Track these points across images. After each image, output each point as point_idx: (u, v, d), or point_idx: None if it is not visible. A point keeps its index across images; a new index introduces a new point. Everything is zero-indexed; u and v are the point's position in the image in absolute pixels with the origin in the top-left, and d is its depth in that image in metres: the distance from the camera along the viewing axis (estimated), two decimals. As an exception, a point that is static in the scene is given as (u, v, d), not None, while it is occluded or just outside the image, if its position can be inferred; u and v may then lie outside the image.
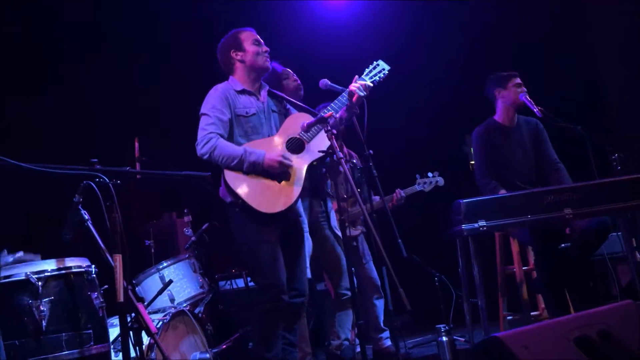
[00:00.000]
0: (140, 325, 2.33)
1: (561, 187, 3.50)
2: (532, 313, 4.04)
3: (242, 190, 2.96)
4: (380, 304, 4.18)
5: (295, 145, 3.10)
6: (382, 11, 6.13)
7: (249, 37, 3.23)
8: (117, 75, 5.28)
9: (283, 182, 3.01)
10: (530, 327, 1.97)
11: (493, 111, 4.11)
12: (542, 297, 3.99)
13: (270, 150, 3.02)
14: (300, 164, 3.06)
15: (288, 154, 3.06)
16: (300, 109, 3.32)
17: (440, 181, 4.53)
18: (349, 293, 3.88)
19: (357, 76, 3.17)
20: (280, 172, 3.00)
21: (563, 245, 3.83)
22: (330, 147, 2.92)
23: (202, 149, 3.02)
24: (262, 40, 3.25)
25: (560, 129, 3.88)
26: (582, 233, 3.68)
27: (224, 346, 3.87)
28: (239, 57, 3.21)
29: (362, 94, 3.09)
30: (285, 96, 3.37)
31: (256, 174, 2.99)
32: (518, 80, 3.98)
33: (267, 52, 3.24)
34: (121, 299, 2.18)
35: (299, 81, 3.83)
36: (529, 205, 3.36)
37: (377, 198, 3.87)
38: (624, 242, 3.85)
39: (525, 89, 3.96)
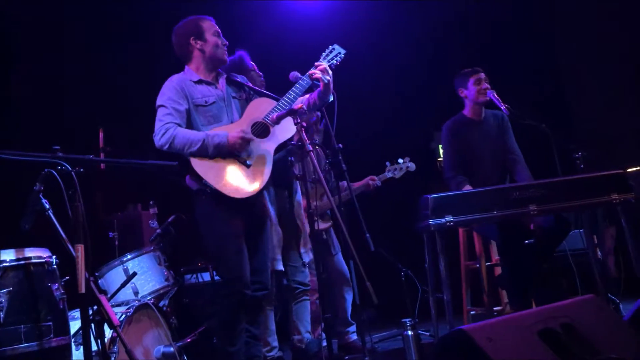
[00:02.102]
0: (103, 317, 2.28)
1: (526, 183, 3.55)
2: (494, 308, 4.10)
3: (210, 176, 2.92)
4: (349, 295, 4.18)
5: (261, 130, 3.08)
6: (353, 4, 6.13)
7: (210, 28, 3.19)
8: (82, 64, 5.16)
9: (251, 167, 2.98)
10: (495, 320, 1.99)
11: (462, 106, 4.17)
12: (506, 292, 4.05)
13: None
14: (267, 148, 3.04)
15: (254, 139, 3.02)
16: (261, 94, 3.29)
17: (412, 166, 4.46)
18: (301, 287, 3.88)
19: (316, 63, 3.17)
20: (244, 150, 2.96)
21: (527, 241, 3.90)
22: (300, 139, 2.91)
23: (160, 139, 2.97)
24: (220, 32, 3.21)
25: (525, 126, 3.95)
26: (545, 229, 3.76)
27: (189, 340, 3.81)
28: (198, 46, 3.16)
29: (326, 79, 3.09)
30: (245, 82, 3.33)
31: (222, 157, 2.95)
32: (478, 77, 4.04)
33: (226, 46, 3.21)
34: (82, 290, 2.12)
35: (262, 77, 3.81)
36: (495, 201, 3.40)
37: (344, 183, 3.84)
38: (585, 239, 3.94)
39: (487, 85, 4.01)
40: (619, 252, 4.74)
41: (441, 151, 6.08)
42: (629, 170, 5.79)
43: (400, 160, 4.47)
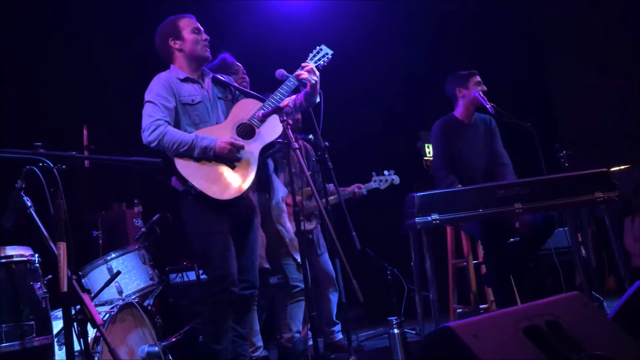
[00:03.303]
0: (85, 316, 2.25)
1: (512, 182, 3.57)
2: (481, 306, 4.12)
3: (194, 177, 2.90)
4: (334, 297, 4.19)
5: (246, 131, 3.06)
6: (340, 6, 6.13)
7: (188, 25, 3.14)
8: (66, 62, 5.10)
9: (236, 168, 2.96)
10: (480, 317, 1.99)
11: (450, 108, 4.18)
12: (492, 290, 4.07)
13: (221, 136, 2.97)
14: (252, 150, 3.02)
15: (239, 140, 3.00)
16: (247, 94, 3.27)
17: (396, 179, 4.57)
18: (301, 285, 3.86)
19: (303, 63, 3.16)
20: (232, 157, 2.94)
21: (512, 239, 3.92)
22: (286, 137, 2.90)
23: (149, 136, 2.93)
24: (202, 28, 3.17)
25: (510, 125, 3.97)
26: (530, 228, 3.78)
27: (174, 339, 3.78)
28: (177, 46, 3.12)
29: (313, 80, 3.08)
30: (231, 82, 3.31)
31: (207, 159, 2.93)
32: (478, 79, 4.06)
33: (207, 41, 3.16)
34: (65, 288, 2.09)
35: (247, 79, 3.79)
36: (481, 200, 3.41)
37: (331, 186, 3.85)
38: (569, 237, 3.97)
39: (485, 88, 4.03)
40: (603, 250, 4.79)
41: (427, 150, 6.12)
42: (613, 169, 5.87)
43: (386, 172, 4.56)
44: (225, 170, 2.95)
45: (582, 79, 6.74)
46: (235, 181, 2.94)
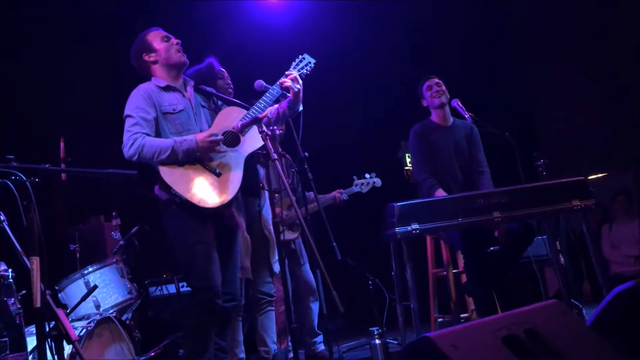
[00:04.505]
0: (60, 332, 2.20)
1: (490, 191, 3.59)
2: (462, 315, 4.12)
3: (179, 185, 2.87)
4: (315, 307, 4.16)
5: (231, 139, 3.05)
6: (320, 14, 6.16)
7: (156, 36, 3.14)
8: (42, 72, 5.04)
9: (222, 177, 2.94)
10: (459, 327, 1.98)
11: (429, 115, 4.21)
12: (472, 299, 4.07)
13: None
14: (238, 157, 3.00)
15: (224, 148, 2.98)
16: (230, 103, 3.26)
17: (378, 182, 4.57)
18: (266, 297, 3.84)
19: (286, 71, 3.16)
20: (215, 150, 2.92)
21: (492, 248, 3.93)
22: (265, 147, 2.89)
23: (129, 150, 2.91)
24: (171, 35, 3.16)
25: (489, 134, 4.00)
26: (509, 236, 3.79)
27: (152, 353, 3.75)
28: (152, 59, 3.11)
29: (296, 88, 3.08)
30: (213, 91, 3.29)
31: (191, 164, 2.91)
32: (430, 83, 4.10)
33: (179, 44, 3.14)
34: (38, 304, 2.04)
35: (231, 86, 3.78)
36: (460, 209, 3.42)
37: (311, 194, 3.84)
38: (548, 245, 4.00)
39: (436, 89, 4.05)
40: (581, 257, 4.83)
41: (407, 160, 6.14)
42: (591, 176, 5.95)
43: (367, 175, 4.58)
44: (210, 178, 2.92)
45: (560, 87, 6.83)
46: (220, 189, 2.92)
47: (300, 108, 3.17)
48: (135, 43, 3.18)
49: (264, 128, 2.91)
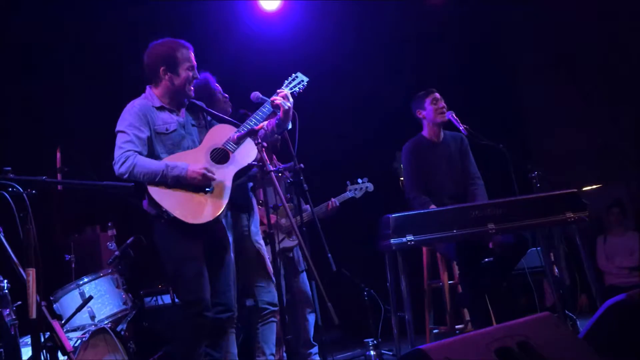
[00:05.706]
0: (55, 343, 2.21)
1: (485, 202, 3.61)
2: (457, 326, 4.13)
3: (167, 202, 2.88)
4: (312, 318, 4.16)
5: (220, 156, 3.05)
6: (317, 25, 6.19)
7: (185, 61, 3.07)
8: (38, 83, 5.05)
9: (209, 193, 2.95)
10: (452, 339, 2.00)
11: (421, 128, 4.22)
12: (467, 310, 4.08)
13: (193, 163, 2.94)
14: (226, 175, 3.01)
15: (213, 166, 2.99)
16: (221, 120, 3.26)
17: (370, 187, 4.59)
18: (270, 307, 3.84)
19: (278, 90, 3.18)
20: (204, 184, 2.93)
21: (486, 259, 3.95)
22: (260, 159, 2.90)
23: (120, 168, 2.90)
24: (195, 64, 3.12)
25: (483, 146, 4.03)
26: (503, 248, 3.81)
27: (147, 364, 3.74)
28: (167, 78, 3.06)
29: (286, 106, 3.10)
30: (204, 107, 3.28)
31: (181, 187, 2.92)
32: (434, 96, 4.11)
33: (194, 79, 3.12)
34: (33, 315, 2.05)
35: (228, 97, 3.79)
36: (455, 220, 3.44)
37: (307, 207, 3.85)
38: (542, 257, 4.01)
39: (443, 104, 4.08)
40: (575, 269, 4.85)
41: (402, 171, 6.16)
42: (585, 188, 5.98)
43: (360, 180, 4.57)
44: (198, 195, 2.93)
45: (553, 100, 6.88)
46: (208, 206, 2.93)
47: (290, 126, 3.19)
48: (161, 47, 3.08)
49: (260, 140, 2.93)
